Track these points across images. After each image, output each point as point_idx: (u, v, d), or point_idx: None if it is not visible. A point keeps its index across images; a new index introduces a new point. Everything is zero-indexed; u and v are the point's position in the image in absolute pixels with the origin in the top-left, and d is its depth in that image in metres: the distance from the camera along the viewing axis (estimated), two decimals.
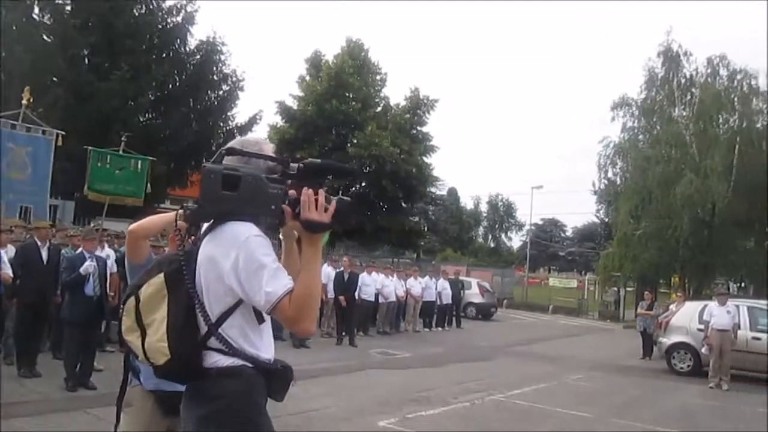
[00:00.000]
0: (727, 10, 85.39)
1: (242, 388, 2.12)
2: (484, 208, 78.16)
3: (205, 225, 2.23)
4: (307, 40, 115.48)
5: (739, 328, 12.46)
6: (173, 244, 2.96)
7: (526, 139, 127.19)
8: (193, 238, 2.31)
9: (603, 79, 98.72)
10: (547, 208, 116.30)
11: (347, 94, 31.63)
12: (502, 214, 79.53)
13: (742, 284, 35.94)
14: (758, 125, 29.73)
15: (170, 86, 22.05)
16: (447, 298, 19.73)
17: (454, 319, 20.61)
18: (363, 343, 14.26)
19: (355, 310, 14.95)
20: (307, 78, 32.52)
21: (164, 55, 22.10)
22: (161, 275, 2.20)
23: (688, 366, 13.37)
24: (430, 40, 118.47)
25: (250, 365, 2.14)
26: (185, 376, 2.19)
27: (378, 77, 33.47)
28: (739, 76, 29.38)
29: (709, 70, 29.77)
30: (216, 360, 2.13)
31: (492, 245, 78.10)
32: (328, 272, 14.45)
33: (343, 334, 14.37)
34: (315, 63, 32.69)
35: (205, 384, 2.13)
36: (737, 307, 12.90)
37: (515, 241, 78.85)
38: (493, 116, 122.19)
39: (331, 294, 14.46)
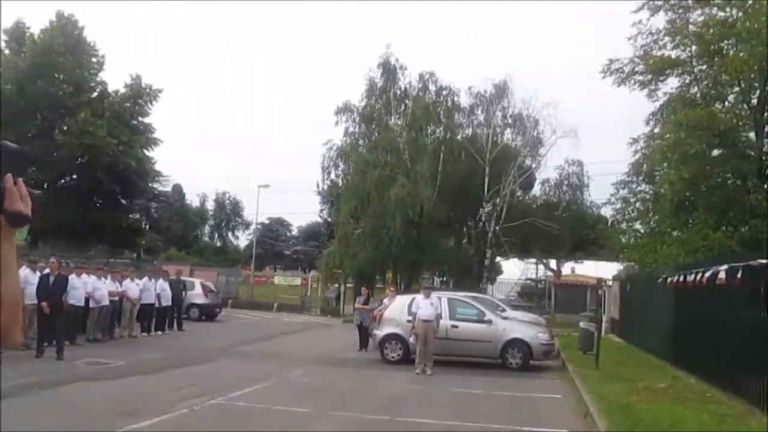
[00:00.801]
0: (439, 30, 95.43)
1: None
2: (210, 206, 76.40)
3: None
4: (7, 6, 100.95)
5: (441, 318, 13.84)
6: None
7: (253, 138, 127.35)
8: None
9: (329, 84, 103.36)
10: (274, 207, 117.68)
11: (57, 75, 28.43)
12: (229, 213, 78.55)
13: (444, 278, 40.13)
14: (459, 137, 33.66)
15: None
16: (167, 300, 18.79)
17: (175, 321, 19.72)
18: (70, 354, 12.83)
19: (62, 317, 13.39)
20: (6, 52, 28.49)
21: None
22: None
23: (398, 355, 14.47)
24: (155, 24, 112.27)
25: None
26: None
27: (94, 59, 30.67)
28: (444, 92, 32.92)
29: (420, 85, 32.85)
30: None
31: (218, 244, 76.65)
32: (25, 275, 12.74)
33: (46, 344, 12.77)
34: (17, 35, 28.80)
35: None
36: (440, 299, 14.33)
37: (242, 240, 78.43)
38: (221, 112, 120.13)
39: (32, 299, 12.74)
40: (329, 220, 45.26)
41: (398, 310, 15.03)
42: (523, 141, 34.85)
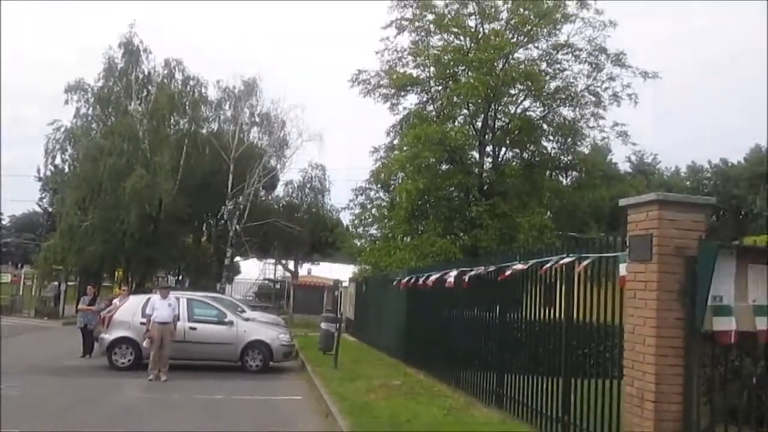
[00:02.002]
0: (190, 16, 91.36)
1: None
2: None
3: None
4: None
5: (178, 319, 13.04)
6: None
7: None
8: None
9: (55, 56, 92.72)
10: None
11: None
12: None
13: (180, 277, 38.42)
14: (204, 131, 32.45)
15: None
16: None
17: None
18: None
19: None
20: None
21: None
22: None
23: (129, 361, 13.30)
24: None
25: None
26: None
27: None
28: (192, 83, 31.49)
29: (166, 71, 31.00)
30: None
31: None
32: None
33: None
34: None
35: None
36: (178, 299, 13.50)
37: None
38: None
39: None
40: (50, 209, 40.52)
41: (131, 311, 13.81)
42: (270, 141, 34.92)
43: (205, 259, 34.65)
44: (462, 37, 20.61)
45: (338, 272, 32.42)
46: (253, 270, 41.17)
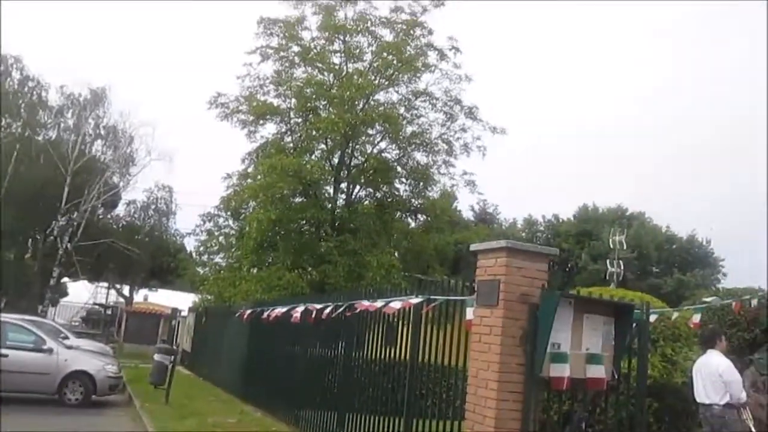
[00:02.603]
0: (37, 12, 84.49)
1: None
2: None
3: None
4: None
5: None
6: None
7: None
8: None
9: None
10: None
11: None
12: None
13: None
14: (40, 138, 29.80)
15: None
16: None
17: None
18: None
19: None
20: None
21: None
22: None
23: None
24: None
25: None
26: None
27: None
28: (31, 83, 28.95)
29: (2, 68, 28.29)
30: None
31: None
32: None
33: None
34: None
35: None
36: None
37: None
38: None
39: None
40: None
41: None
42: (114, 156, 32.75)
43: (27, 278, 31.45)
44: (326, 73, 20.71)
45: (178, 301, 30.74)
46: (82, 293, 37.97)
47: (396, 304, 7.47)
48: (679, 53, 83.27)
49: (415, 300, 7.31)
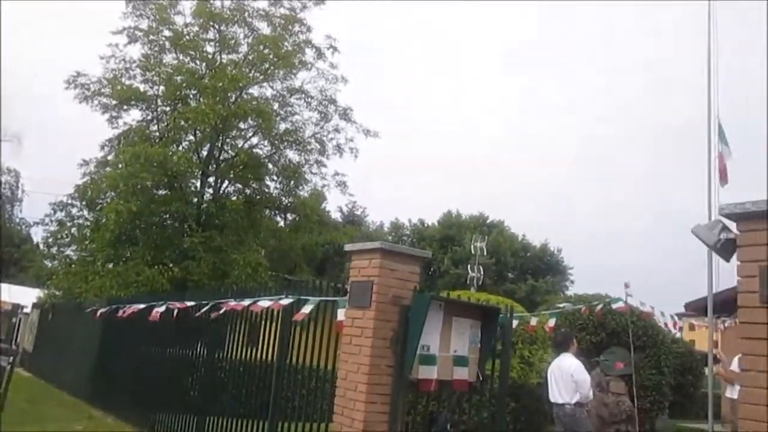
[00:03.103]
0: None
1: None
2: None
3: None
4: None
5: None
6: None
7: None
8: None
9: None
10: None
11: None
12: None
13: None
14: None
15: None
16: None
17: None
18: None
19: None
20: None
21: None
22: None
23: None
24: None
25: None
26: None
27: None
28: None
29: None
30: None
31: None
32: None
33: None
34: None
35: None
36: None
37: None
38: None
39: None
40: None
41: None
42: None
43: None
44: (198, 61, 19.90)
45: (21, 296, 28.22)
46: None
47: (264, 303, 7.24)
48: (532, 68, 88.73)
49: (285, 301, 7.13)
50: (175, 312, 9.47)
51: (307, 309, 6.54)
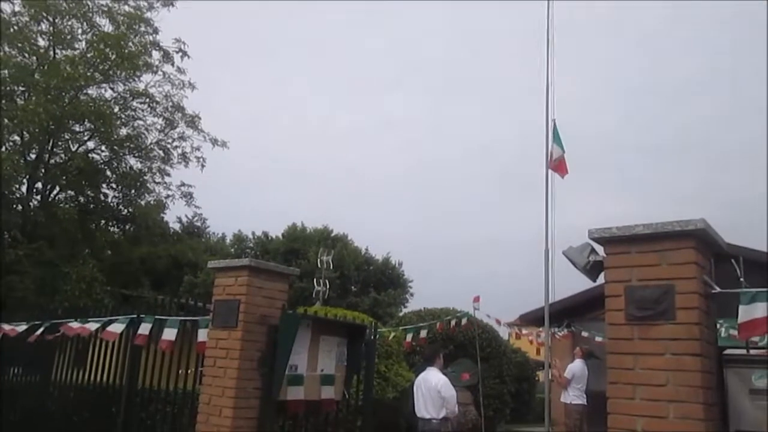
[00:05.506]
0: None
1: None
2: None
3: None
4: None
5: None
6: None
7: None
8: None
9: None
10: None
11: None
12: None
13: None
14: None
15: None
16: None
17: None
18: None
19: None
20: None
21: None
22: None
23: None
24: None
25: None
26: None
27: None
28: None
29: None
30: None
31: None
32: None
33: None
34: None
35: None
36: None
37: None
38: None
39: None
40: None
41: None
42: None
43: None
44: (28, 55, 18.12)
45: None
46: None
47: (117, 327, 6.67)
48: (418, 91, 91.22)
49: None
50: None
51: (170, 335, 6.10)
